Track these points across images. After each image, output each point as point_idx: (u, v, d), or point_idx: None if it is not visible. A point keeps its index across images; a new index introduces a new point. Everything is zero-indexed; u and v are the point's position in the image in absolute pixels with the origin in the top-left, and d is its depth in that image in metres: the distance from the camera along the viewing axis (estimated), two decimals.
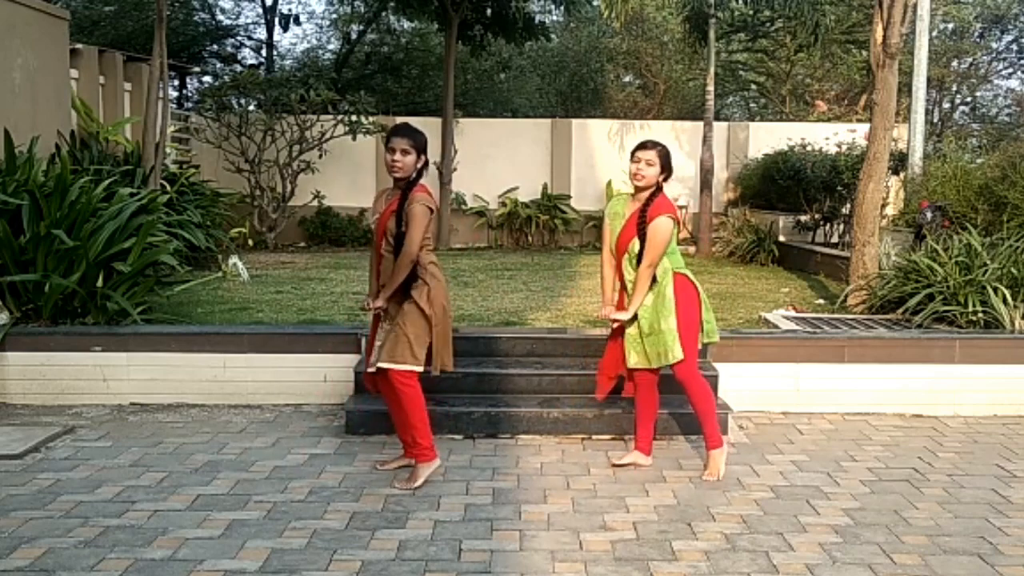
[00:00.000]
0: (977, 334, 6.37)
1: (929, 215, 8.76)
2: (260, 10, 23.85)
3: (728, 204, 14.93)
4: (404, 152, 4.44)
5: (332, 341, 6.09)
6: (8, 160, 7.06)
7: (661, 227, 4.56)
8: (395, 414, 4.71)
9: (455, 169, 14.57)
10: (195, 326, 6.78)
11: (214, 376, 6.07)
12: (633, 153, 4.68)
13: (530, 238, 14.96)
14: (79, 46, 11.08)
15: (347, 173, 14.62)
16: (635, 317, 4.67)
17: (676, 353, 4.59)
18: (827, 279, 9.96)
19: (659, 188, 4.67)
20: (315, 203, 14.43)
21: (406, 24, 21.61)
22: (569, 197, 15.12)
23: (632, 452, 4.94)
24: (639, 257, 4.60)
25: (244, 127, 13.63)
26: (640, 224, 4.59)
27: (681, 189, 14.76)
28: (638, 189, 4.67)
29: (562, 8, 16.62)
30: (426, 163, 4.54)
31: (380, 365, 4.51)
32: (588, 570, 3.64)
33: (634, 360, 4.75)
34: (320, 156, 13.85)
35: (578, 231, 15.05)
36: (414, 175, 4.48)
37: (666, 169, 4.64)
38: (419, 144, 4.49)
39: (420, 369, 4.51)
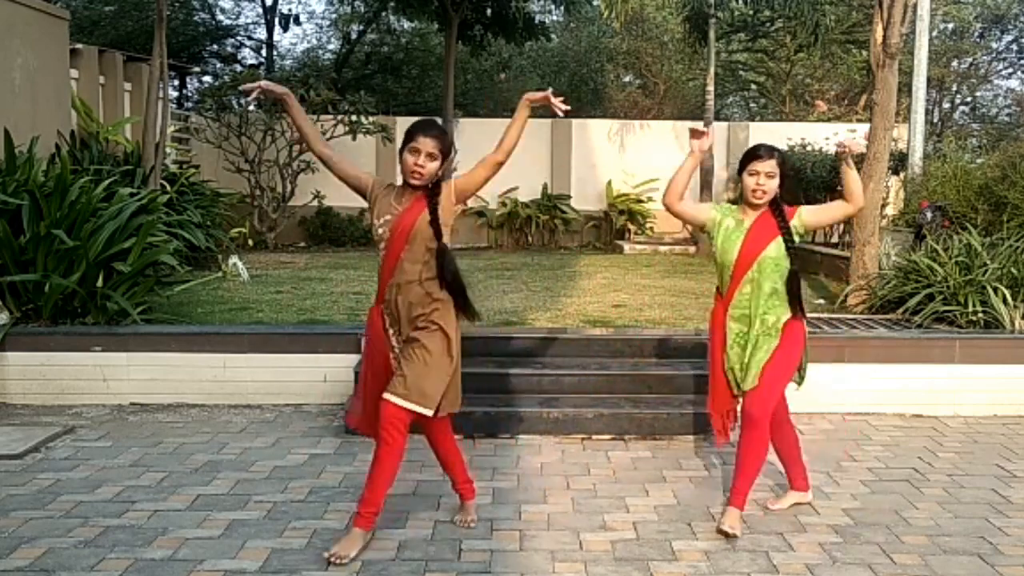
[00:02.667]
0: (977, 334, 6.37)
1: (929, 215, 8.77)
2: (260, 10, 23.87)
3: (728, 204, 14.91)
4: (430, 156, 3.71)
5: (332, 341, 6.09)
6: (8, 160, 7.05)
7: (811, 206, 4.13)
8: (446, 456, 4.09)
9: (455, 169, 14.39)
10: (195, 326, 6.78)
11: (214, 376, 6.07)
12: (747, 163, 3.98)
13: (530, 238, 14.96)
14: (79, 46, 11.08)
15: None
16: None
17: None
18: (827, 279, 9.96)
19: (775, 200, 4.00)
20: (315, 203, 14.42)
21: (406, 24, 21.62)
22: (569, 197, 15.12)
23: (789, 494, 4.38)
24: (791, 266, 3.96)
25: (244, 127, 13.62)
26: (782, 225, 3.95)
27: None
28: (755, 206, 4.00)
29: (562, 8, 16.64)
30: (446, 169, 3.83)
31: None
32: (588, 570, 3.64)
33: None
34: None
35: (578, 231, 15.05)
36: (431, 184, 3.78)
37: (784, 178, 3.95)
38: (447, 148, 3.78)
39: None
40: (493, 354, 6.13)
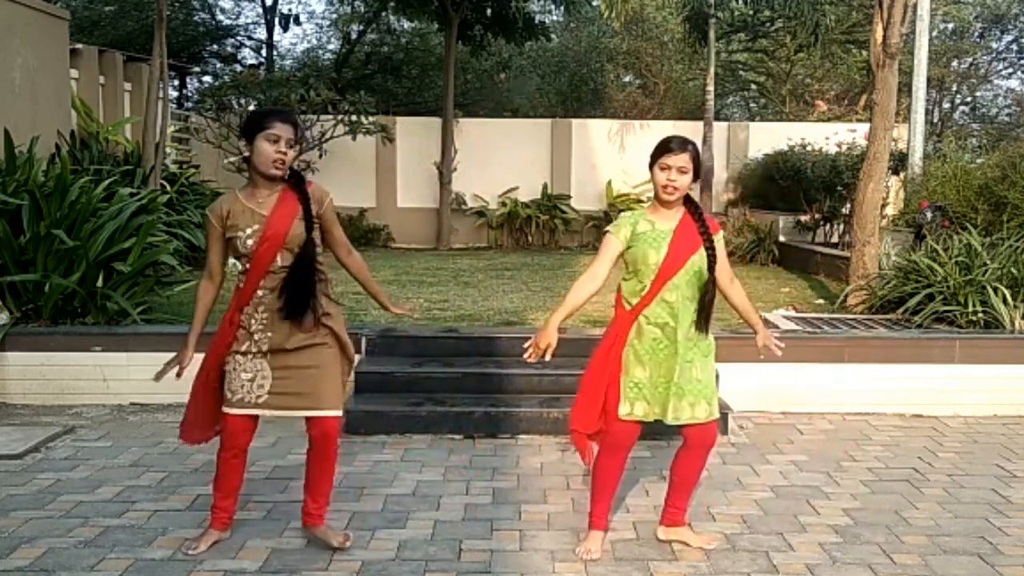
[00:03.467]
0: (977, 334, 6.37)
1: (929, 215, 8.77)
2: (260, 10, 23.87)
3: (728, 204, 14.94)
4: (290, 143, 3.46)
5: None
6: (8, 160, 7.06)
7: (722, 245, 3.74)
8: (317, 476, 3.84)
9: (455, 169, 14.57)
10: None
11: None
12: (658, 157, 3.59)
13: (530, 238, 14.96)
14: (79, 46, 11.09)
15: (347, 173, 14.62)
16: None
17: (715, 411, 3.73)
18: (827, 279, 9.96)
19: (690, 198, 3.70)
20: None
21: (406, 24, 21.61)
22: (569, 197, 15.13)
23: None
24: (709, 275, 3.64)
25: None
26: (704, 234, 3.63)
27: None
28: (667, 203, 3.64)
29: (562, 8, 16.63)
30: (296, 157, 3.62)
31: (323, 413, 3.68)
32: (588, 570, 3.64)
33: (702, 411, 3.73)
34: (320, 156, 13.84)
35: (578, 231, 15.05)
36: (292, 177, 3.59)
37: (698, 173, 3.63)
38: (300, 136, 3.56)
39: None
40: (493, 354, 6.13)
